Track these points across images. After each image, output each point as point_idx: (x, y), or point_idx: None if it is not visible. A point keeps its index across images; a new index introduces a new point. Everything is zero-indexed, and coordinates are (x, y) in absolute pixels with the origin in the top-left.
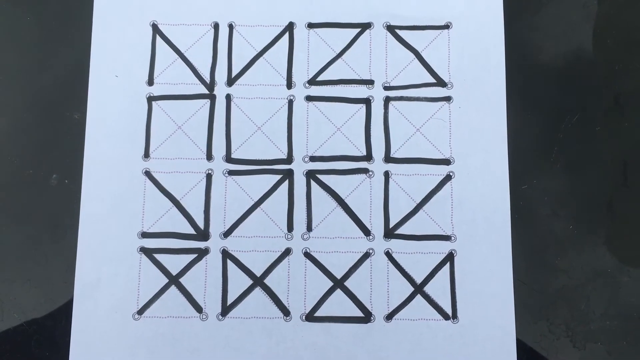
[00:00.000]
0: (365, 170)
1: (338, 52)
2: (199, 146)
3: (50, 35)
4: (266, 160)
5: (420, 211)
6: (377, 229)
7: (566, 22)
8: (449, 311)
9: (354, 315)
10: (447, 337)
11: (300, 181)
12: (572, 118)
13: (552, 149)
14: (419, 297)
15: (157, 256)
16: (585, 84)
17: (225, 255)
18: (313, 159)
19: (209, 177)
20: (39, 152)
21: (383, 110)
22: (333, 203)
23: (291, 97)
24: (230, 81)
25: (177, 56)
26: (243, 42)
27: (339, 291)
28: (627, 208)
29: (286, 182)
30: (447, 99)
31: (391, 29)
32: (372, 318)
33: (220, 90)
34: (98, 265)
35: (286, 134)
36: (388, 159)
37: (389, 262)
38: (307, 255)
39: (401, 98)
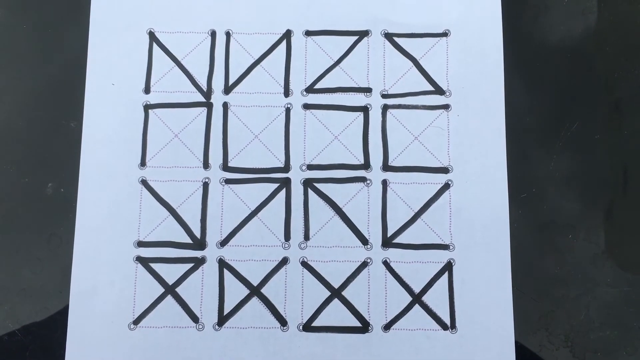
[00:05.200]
0: (363, 179)
1: (336, 59)
2: (196, 154)
3: (46, 43)
4: (263, 168)
5: (419, 220)
6: (375, 238)
7: (565, 29)
8: (448, 321)
9: (352, 325)
10: (446, 348)
11: (297, 190)
12: (571, 126)
13: (552, 157)
14: (417, 306)
15: (153, 265)
16: (584, 91)
17: (222, 264)
18: (310, 167)
19: (205, 185)
20: (35, 160)
21: (381, 118)
22: (330, 212)
23: (288, 105)
24: (227, 89)
25: (174, 64)
26: (240, 50)
27: (336, 301)
28: (626, 216)
29: (283, 191)
30: (446, 106)
31: (389, 36)
32: (370, 328)
33: (217, 98)
34: (94, 275)
35: (283, 142)
36: (386, 167)
37: (387, 271)
38: (305, 264)
39: (399, 106)
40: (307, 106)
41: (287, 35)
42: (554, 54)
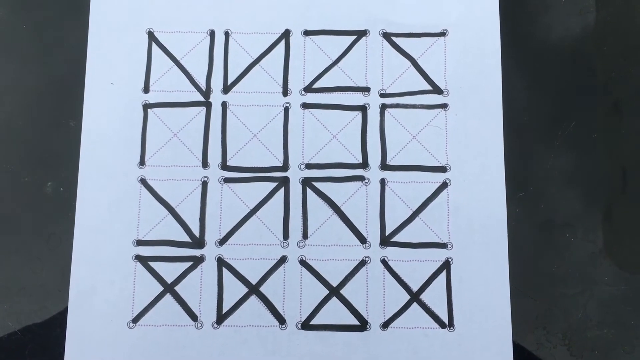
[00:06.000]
0: (361, 178)
1: (334, 59)
2: (195, 154)
3: (46, 42)
4: (262, 167)
5: (417, 219)
6: (373, 236)
7: (563, 29)
8: (446, 319)
9: (350, 324)
10: (444, 346)
11: (296, 189)
12: (569, 125)
13: (549, 156)
14: (415, 305)
15: (152, 264)
16: (582, 91)
17: (221, 263)
18: (309, 166)
19: (204, 184)
20: (35, 159)
21: (379, 118)
22: (329, 211)
23: (287, 105)
24: (226, 88)
25: (173, 63)
26: (239, 50)
27: (334, 299)
28: (624, 215)
29: (282, 190)
30: (443, 106)
31: (387, 36)
32: (368, 326)
33: (216, 97)
34: (93, 273)
35: (282, 142)
36: (384, 166)
37: (385, 270)
38: (303, 263)
39: (397, 105)
40: (305, 105)
41: (286, 34)
42: (552, 54)
